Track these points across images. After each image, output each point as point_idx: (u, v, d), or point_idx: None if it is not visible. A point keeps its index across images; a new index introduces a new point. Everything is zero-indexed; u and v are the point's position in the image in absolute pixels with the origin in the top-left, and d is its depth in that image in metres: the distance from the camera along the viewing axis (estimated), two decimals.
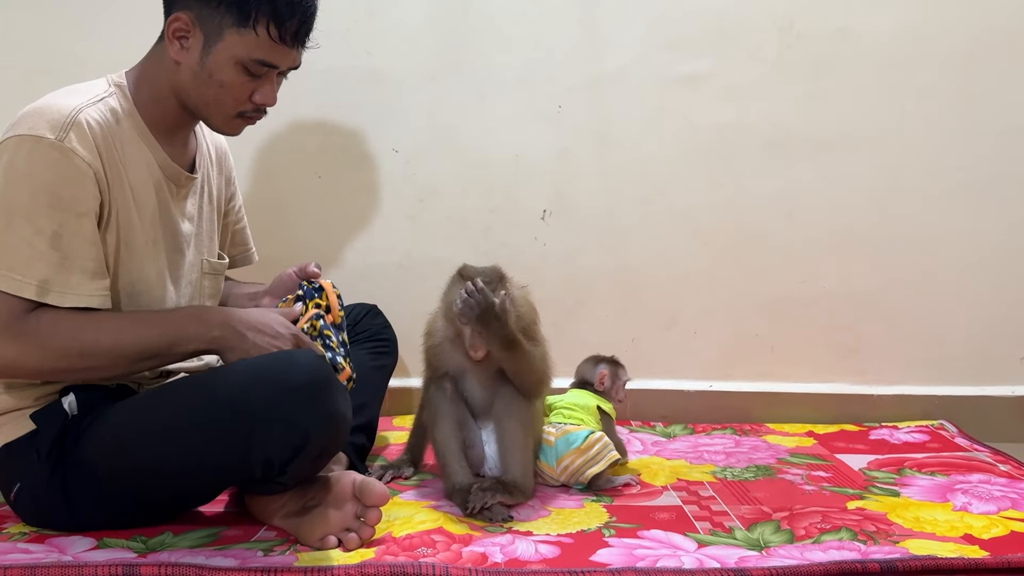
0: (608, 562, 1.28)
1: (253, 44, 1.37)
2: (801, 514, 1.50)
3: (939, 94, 2.16)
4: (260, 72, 1.41)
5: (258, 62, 1.39)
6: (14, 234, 1.28)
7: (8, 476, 1.40)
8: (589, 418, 1.70)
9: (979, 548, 1.34)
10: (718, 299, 2.23)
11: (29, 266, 1.27)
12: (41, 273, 1.28)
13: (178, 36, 1.38)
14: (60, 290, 1.29)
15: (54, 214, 1.28)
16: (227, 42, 1.37)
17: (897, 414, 2.19)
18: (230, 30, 1.37)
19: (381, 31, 2.17)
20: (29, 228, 1.27)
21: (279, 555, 1.30)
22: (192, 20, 1.37)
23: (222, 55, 1.38)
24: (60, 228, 1.29)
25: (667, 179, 2.21)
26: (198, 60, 1.38)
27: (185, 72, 1.40)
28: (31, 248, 1.28)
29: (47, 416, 1.36)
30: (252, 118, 1.48)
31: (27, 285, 1.27)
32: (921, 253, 2.20)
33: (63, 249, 1.29)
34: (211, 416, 1.27)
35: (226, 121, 1.46)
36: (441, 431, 1.57)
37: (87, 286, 1.31)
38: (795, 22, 2.15)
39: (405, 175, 2.21)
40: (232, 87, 1.40)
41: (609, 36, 2.17)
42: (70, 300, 1.30)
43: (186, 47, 1.38)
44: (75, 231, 1.30)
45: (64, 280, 1.29)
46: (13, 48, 2.14)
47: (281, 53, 1.41)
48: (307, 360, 1.30)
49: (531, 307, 1.58)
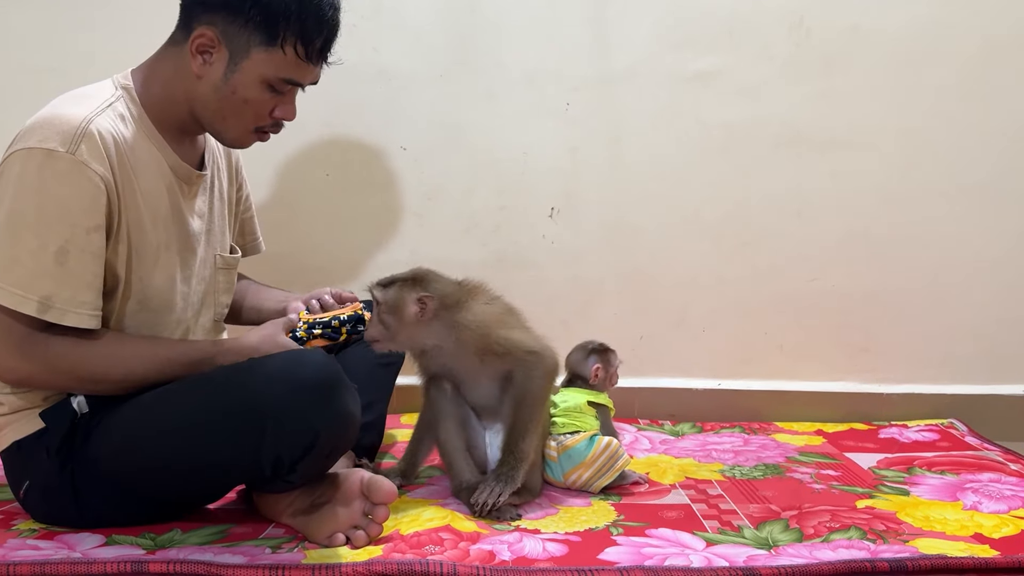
0: (616, 560, 1.28)
1: (280, 63, 1.36)
2: (810, 513, 1.49)
3: (951, 92, 2.15)
4: (284, 89, 1.40)
5: (284, 80, 1.38)
6: (21, 248, 1.26)
7: (18, 474, 1.41)
8: (585, 419, 1.64)
9: (989, 547, 1.33)
10: (727, 297, 2.22)
11: (32, 281, 1.26)
12: (44, 289, 1.26)
13: (202, 51, 1.36)
14: (61, 307, 1.27)
15: (63, 229, 1.27)
16: (253, 60, 1.35)
17: (907, 413, 2.18)
18: (257, 48, 1.35)
19: (389, 29, 2.17)
20: (35, 242, 1.26)
21: (287, 552, 1.30)
22: (217, 36, 1.35)
23: (248, 73, 1.36)
24: (67, 243, 1.27)
25: (676, 177, 2.20)
26: (222, 76, 1.37)
27: (206, 87, 1.38)
28: (36, 263, 1.26)
29: (56, 414, 1.37)
30: (268, 133, 1.47)
31: (28, 301, 1.25)
32: (932, 252, 2.19)
33: (68, 265, 1.27)
34: (221, 415, 1.27)
35: (241, 135, 1.45)
36: (445, 430, 1.57)
37: (89, 304, 1.30)
38: (805, 19, 2.14)
39: (413, 173, 2.21)
40: (255, 104, 1.39)
41: (618, 34, 2.17)
42: (70, 319, 1.28)
43: (209, 62, 1.36)
44: (83, 247, 1.28)
45: (68, 297, 1.27)
46: (24, 46, 2.14)
47: (306, 71, 1.40)
48: (317, 359, 1.30)
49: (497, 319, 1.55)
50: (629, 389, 2.15)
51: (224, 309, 1.62)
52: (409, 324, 1.50)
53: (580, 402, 1.66)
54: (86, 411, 1.37)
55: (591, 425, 1.62)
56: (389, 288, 1.51)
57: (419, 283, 1.52)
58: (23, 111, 1.36)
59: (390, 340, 1.53)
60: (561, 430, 1.61)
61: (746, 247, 2.21)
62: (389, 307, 1.50)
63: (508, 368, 1.52)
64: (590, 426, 1.62)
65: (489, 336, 1.51)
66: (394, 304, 1.50)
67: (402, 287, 1.51)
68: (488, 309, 1.55)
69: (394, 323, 1.50)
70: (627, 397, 2.14)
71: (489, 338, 1.51)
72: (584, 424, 1.62)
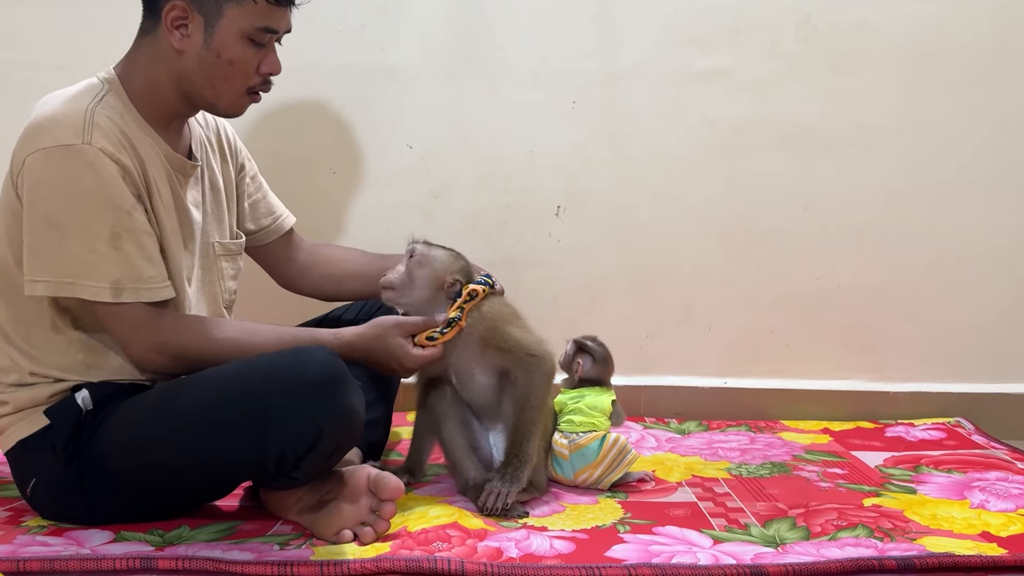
0: (623, 558, 1.28)
1: (254, 12, 1.38)
2: (817, 511, 1.49)
3: (958, 89, 2.14)
4: (264, 40, 1.41)
5: (262, 29, 1.39)
6: (75, 244, 1.29)
7: (24, 472, 1.41)
8: (601, 419, 1.64)
9: (997, 546, 1.33)
10: (733, 295, 2.22)
11: (97, 270, 1.29)
12: (111, 275, 1.30)
13: (177, 25, 1.37)
14: (133, 286, 1.31)
15: (105, 215, 1.30)
16: (228, 17, 1.37)
17: (914, 411, 2.18)
18: (228, 5, 1.36)
19: (396, 27, 2.17)
20: (86, 234, 1.29)
21: (295, 549, 1.30)
22: (188, 5, 1.36)
23: (227, 31, 1.38)
24: (116, 228, 1.30)
25: (682, 175, 2.20)
26: (202, 43, 1.38)
27: (190, 59, 1.39)
28: (94, 253, 1.29)
29: (61, 411, 1.37)
30: (259, 92, 1.47)
31: (102, 289, 1.29)
32: (938, 249, 2.18)
33: (124, 248, 1.31)
34: (226, 410, 1.27)
35: (235, 100, 1.45)
36: (447, 431, 1.57)
37: (157, 278, 1.34)
38: (812, 16, 2.13)
39: (419, 171, 2.21)
40: (241, 62, 1.40)
41: (624, 31, 2.16)
42: (145, 295, 1.32)
43: (186, 34, 1.38)
44: (130, 227, 1.32)
45: (135, 276, 1.31)
46: (31, 45, 2.15)
47: (279, 15, 1.41)
48: (322, 357, 1.30)
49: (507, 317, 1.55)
50: (635, 387, 2.16)
51: (231, 295, 1.63)
52: (432, 291, 1.52)
53: (605, 404, 1.65)
54: (91, 408, 1.37)
55: (605, 426, 1.63)
56: (437, 248, 1.56)
57: (461, 262, 1.57)
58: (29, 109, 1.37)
59: (405, 295, 1.53)
60: (576, 428, 1.61)
61: (752, 244, 2.21)
62: (426, 265, 1.53)
63: (506, 365, 1.53)
64: (604, 427, 1.63)
65: (497, 329, 1.52)
66: (435, 265, 1.53)
67: (450, 256, 1.56)
68: (501, 307, 1.57)
69: (420, 281, 1.52)
70: (633, 395, 2.15)
71: (497, 331, 1.52)
72: (599, 424, 1.62)
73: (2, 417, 1.41)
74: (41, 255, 1.30)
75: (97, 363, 1.41)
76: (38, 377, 1.39)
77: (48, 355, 1.39)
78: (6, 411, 1.40)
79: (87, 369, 1.40)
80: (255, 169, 1.73)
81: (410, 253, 1.55)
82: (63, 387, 1.39)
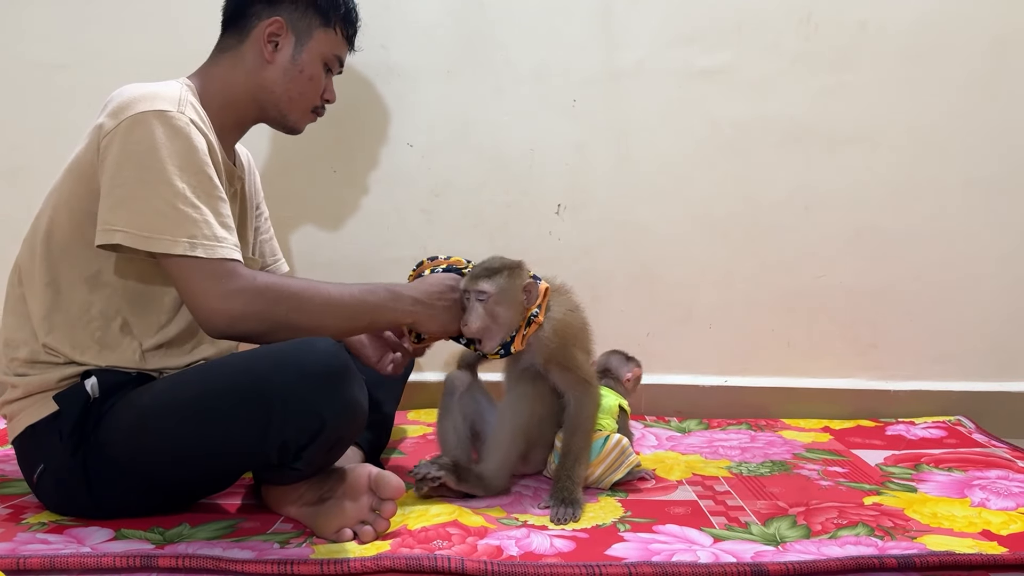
0: (623, 556, 1.28)
1: (334, 41, 1.59)
2: (817, 509, 1.49)
3: (960, 88, 2.14)
4: (334, 68, 1.62)
5: (335, 57, 1.61)
6: (159, 201, 1.31)
7: (31, 458, 1.42)
8: (608, 420, 1.66)
9: (997, 544, 1.33)
10: (734, 293, 2.22)
11: (177, 226, 1.31)
12: (189, 231, 1.32)
13: (272, 39, 1.53)
14: (210, 243, 1.33)
15: (191, 178, 1.34)
16: (316, 40, 1.57)
17: (914, 410, 2.18)
18: (318, 30, 1.56)
19: (397, 25, 2.18)
20: (169, 191, 1.32)
21: (295, 547, 1.30)
22: (285, 23, 1.54)
23: (312, 51, 1.57)
24: (197, 188, 1.34)
25: (683, 173, 2.20)
26: (290, 58, 1.55)
27: (275, 71, 1.54)
28: (176, 211, 1.32)
29: (69, 397, 1.38)
30: (317, 114, 1.64)
31: (178, 243, 1.31)
32: (939, 248, 2.18)
33: (202, 208, 1.34)
34: (229, 399, 1.28)
35: (303, 115, 1.61)
36: (441, 425, 1.63)
37: (230, 240, 1.36)
38: (813, 14, 2.13)
39: (420, 169, 2.22)
40: (316, 82, 1.59)
41: (626, 29, 2.16)
42: (220, 252, 1.34)
43: (277, 49, 1.54)
44: (210, 192, 1.36)
45: (210, 234, 1.33)
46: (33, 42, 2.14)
47: (344, 51, 1.63)
48: (326, 347, 1.30)
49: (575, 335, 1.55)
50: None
51: None
52: (517, 313, 1.49)
53: (613, 405, 1.68)
54: (98, 395, 1.38)
55: (611, 427, 1.64)
56: (496, 277, 1.47)
57: (522, 269, 1.52)
58: (31, 106, 1.37)
59: (500, 332, 1.49)
60: None
61: (753, 243, 2.21)
62: (501, 296, 1.47)
63: (561, 385, 1.54)
64: (610, 428, 1.64)
65: (566, 349, 1.52)
66: (506, 292, 1.47)
67: (511, 274, 1.49)
68: (572, 320, 1.56)
69: (504, 313, 1.48)
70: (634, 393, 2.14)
71: (565, 351, 1.52)
72: (605, 425, 1.63)
73: (13, 402, 1.42)
74: (125, 208, 1.32)
75: (112, 345, 1.42)
76: (50, 352, 1.40)
77: (66, 329, 1.41)
78: (16, 395, 1.41)
79: (100, 350, 1.41)
80: (267, 212, 1.82)
81: (474, 297, 1.47)
82: (73, 371, 1.40)
